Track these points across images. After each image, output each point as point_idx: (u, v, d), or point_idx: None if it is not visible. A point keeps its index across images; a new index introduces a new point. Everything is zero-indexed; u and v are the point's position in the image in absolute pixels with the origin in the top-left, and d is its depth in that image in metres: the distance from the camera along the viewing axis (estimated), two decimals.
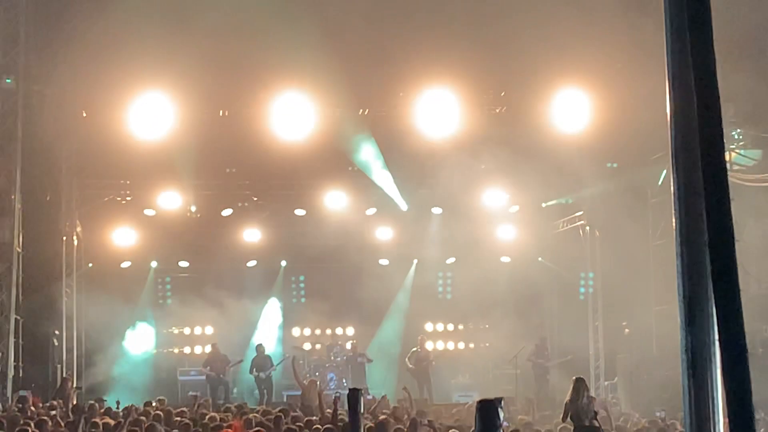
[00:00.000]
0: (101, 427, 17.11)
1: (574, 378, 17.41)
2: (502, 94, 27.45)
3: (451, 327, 33.40)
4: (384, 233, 31.87)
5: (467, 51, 24.13)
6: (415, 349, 28.82)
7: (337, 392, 24.43)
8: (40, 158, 26.85)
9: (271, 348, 30.15)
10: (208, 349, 29.45)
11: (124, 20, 24.00)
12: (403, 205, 29.93)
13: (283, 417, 17.77)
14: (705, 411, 3.25)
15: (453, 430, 17.16)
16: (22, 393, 22.96)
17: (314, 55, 23.36)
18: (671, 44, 3.38)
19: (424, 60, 25.27)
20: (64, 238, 28.05)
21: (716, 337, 2.94)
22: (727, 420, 2.86)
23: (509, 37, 22.78)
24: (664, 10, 3.36)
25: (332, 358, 30.67)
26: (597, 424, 16.72)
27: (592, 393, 25.80)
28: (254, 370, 27.87)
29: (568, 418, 16.85)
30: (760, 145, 25.16)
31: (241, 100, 26.67)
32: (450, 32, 23.91)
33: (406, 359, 28.73)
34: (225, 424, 17.20)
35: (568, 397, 17.05)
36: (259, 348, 28.47)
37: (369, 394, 25.19)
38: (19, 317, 24.73)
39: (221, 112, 26.81)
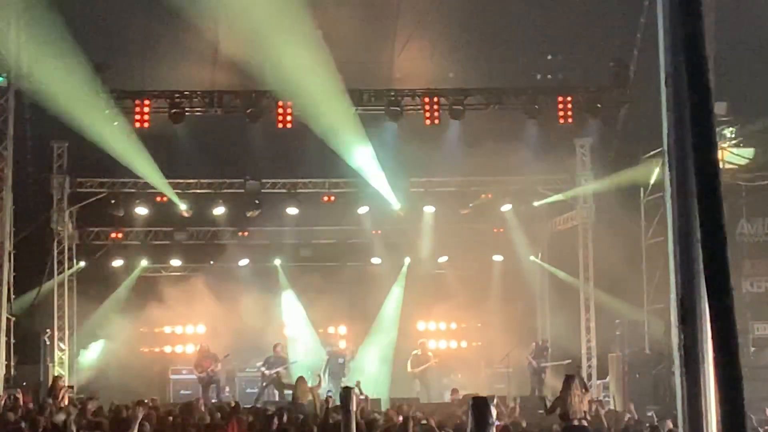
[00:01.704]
0: (92, 425, 17.08)
1: (565, 375, 17.45)
2: (495, 90, 27.46)
3: (443, 326, 33.39)
4: (376, 232, 31.86)
5: (462, 46, 24.16)
6: (415, 352, 28.83)
7: (329, 392, 24.46)
8: (31, 157, 26.84)
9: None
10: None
11: (117, 18, 23.99)
12: (396, 204, 29.91)
13: (275, 417, 17.74)
14: (698, 408, 3.24)
15: (447, 429, 17.15)
16: (11, 392, 22.89)
17: (307, 51, 23.34)
18: (665, 41, 3.37)
19: (418, 56, 25.31)
20: (56, 236, 28.01)
21: (709, 335, 2.95)
22: (719, 418, 2.86)
23: (504, 31, 22.81)
24: (658, 7, 3.36)
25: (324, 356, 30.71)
26: (585, 423, 16.73)
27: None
28: (265, 366, 27.66)
29: (556, 415, 16.87)
30: (753, 143, 25.20)
31: (234, 98, 26.65)
32: (447, 25, 23.94)
33: (408, 362, 28.73)
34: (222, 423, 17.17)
35: (558, 394, 17.08)
36: (276, 348, 28.25)
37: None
38: (10, 316, 24.68)
39: (214, 110, 26.79)
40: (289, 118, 26.12)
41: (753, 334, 24.79)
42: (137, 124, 25.88)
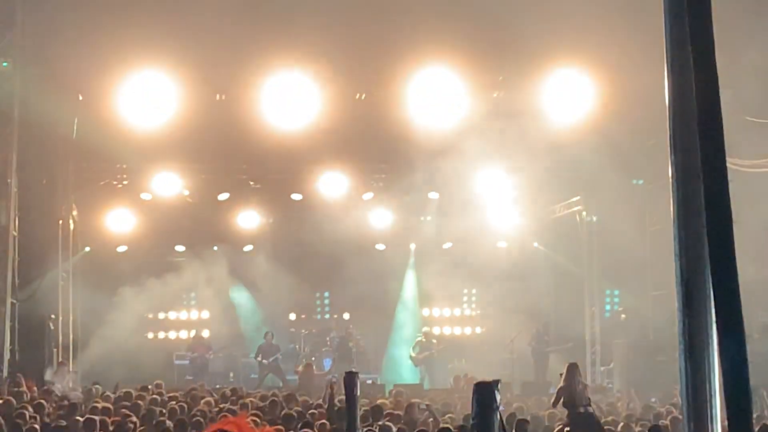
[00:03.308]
0: (98, 410, 17.12)
1: (567, 363, 17.46)
2: (500, 78, 27.39)
3: (447, 312, 33.41)
4: (381, 218, 31.81)
5: (465, 35, 24.08)
6: (419, 338, 28.91)
7: (333, 377, 24.53)
8: (36, 142, 26.79)
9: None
10: (206, 333, 29.66)
11: (121, 3, 23.94)
12: (401, 190, 29.87)
13: (280, 402, 17.78)
14: (702, 394, 3.24)
15: (449, 414, 17.20)
16: (15, 377, 22.93)
17: (311, 39, 23.32)
18: (670, 26, 3.36)
19: (422, 44, 25.22)
20: (61, 221, 27.99)
21: (714, 320, 2.94)
22: (724, 404, 2.85)
23: (508, 20, 22.72)
24: None
25: (327, 343, 30.76)
26: (591, 411, 16.75)
27: (589, 378, 25.92)
28: (259, 356, 27.96)
29: (560, 404, 16.88)
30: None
31: (238, 84, 26.60)
32: (448, 15, 23.86)
33: (411, 348, 28.83)
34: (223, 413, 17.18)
35: (561, 383, 17.08)
36: (267, 336, 28.52)
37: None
38: (15, 301, 24.72)
39: (218, 96, 26.74)
40: (291, 106, 26.07)
41: (756, 321, 24.80)
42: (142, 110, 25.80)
